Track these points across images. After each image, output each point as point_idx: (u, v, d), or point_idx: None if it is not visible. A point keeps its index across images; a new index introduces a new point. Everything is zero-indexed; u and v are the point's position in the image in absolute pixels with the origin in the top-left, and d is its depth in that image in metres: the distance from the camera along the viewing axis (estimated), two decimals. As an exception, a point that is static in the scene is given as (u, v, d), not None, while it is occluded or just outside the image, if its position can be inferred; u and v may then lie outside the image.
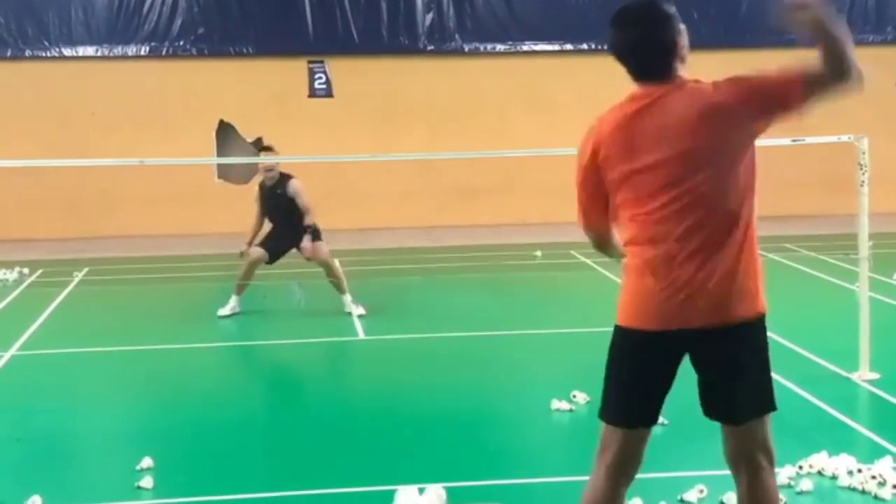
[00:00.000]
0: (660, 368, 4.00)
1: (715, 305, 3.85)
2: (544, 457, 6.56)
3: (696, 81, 3.92)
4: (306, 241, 10.64)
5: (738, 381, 3.95)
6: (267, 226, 11.14)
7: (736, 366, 3.95)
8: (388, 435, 6.91)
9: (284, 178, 10.83)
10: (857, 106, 18.32)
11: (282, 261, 11.18)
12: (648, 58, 3.92)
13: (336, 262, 11.12)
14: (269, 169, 10.79)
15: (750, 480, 4.03)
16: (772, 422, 4.04)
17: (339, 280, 11.00)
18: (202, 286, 13.10)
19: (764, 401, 4.02)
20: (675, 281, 3.86)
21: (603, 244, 4.32)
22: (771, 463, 4.05)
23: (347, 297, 10.92)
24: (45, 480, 6.08)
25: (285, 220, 10.80)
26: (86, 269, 14.05)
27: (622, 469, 4.07)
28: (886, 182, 14.52)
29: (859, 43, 3.76)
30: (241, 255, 10.87)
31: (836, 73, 3.67)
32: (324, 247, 10.87)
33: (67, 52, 17.51)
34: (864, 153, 7.72)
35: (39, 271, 14.02)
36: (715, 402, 4.01)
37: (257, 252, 10.84)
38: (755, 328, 3.97)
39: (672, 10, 4.00)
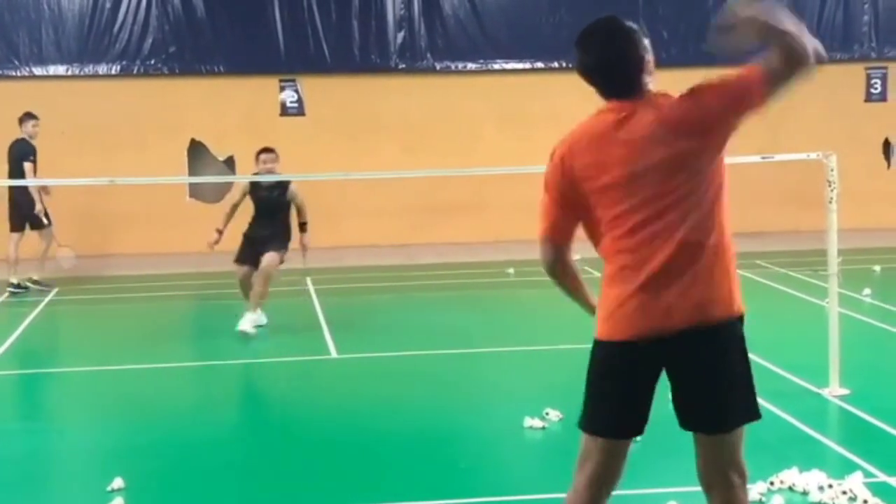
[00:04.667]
0: (640, 379, 3.99)
1: (694, 306, 3.87)
2: (517, 475, 6.56)
3: (664, 95, 3.95)
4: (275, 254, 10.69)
5: (727, 384, 3.94)
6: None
7: (724, 367, 3.94)
8: (360, 453, 6.90)
9: (282, 182, 10.99)
10: (826, 123, 18.54)
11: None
12: (616, 75, 3.96)
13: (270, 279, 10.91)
14: (269, 170, 10.94)
15: (722, 497, 4.04)
16: (744, 439, 4.05)
17: (261, 292, 10.78)
18: (174, 305, 13.05)
19: (751, 406, 4.02)
20: (652, 287, 3.87)
21: (559, 266, 4.19)
22: (743, 480, 4.06)
23: (252, 314, 10.75)
24: (14, 502, 6.04)
25: (269, 218, 10.94)
26: (56, 289, 13.96)
27: (603, 481, 4.05)
28: (855, 198, 14.63)
29: (826, 61, 3.81)
30: (211, 245, 10.73)
31: (794, 63, 3.74)
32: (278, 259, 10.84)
33: (38, 71, 17.43)
34: (832, 170, 7.78)
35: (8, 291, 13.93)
36: (702, 410, 3.97)
37: (242, 271, 10.87)
38: (737, 328, 3.97)
39: (634, 25, 4.04)
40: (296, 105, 17.85)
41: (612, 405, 4.02)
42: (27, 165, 13.90)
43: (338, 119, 17.84)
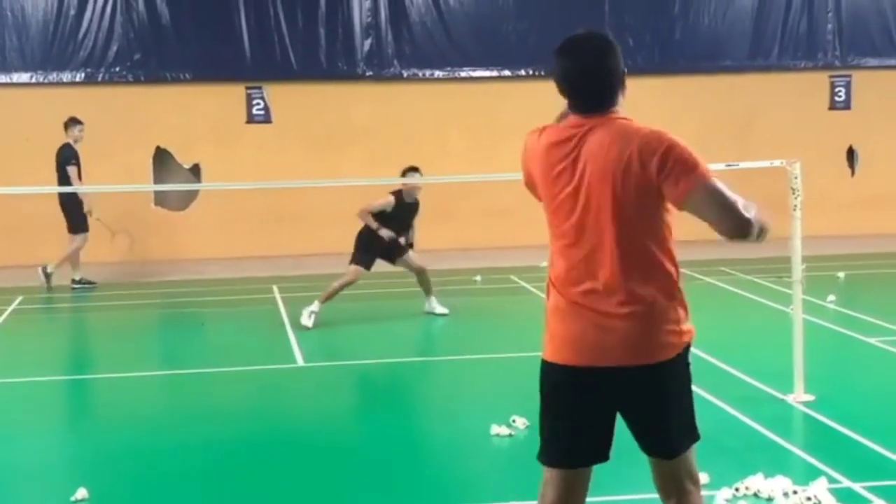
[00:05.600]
0: (589, 405, 3.97)
1: (631, 346, 3.86)
2: (484, 482, 6.55)
3: (626, 119, 3.91)
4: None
5: (667, 420, 3.97)
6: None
7: (662, 405, 3.96)
8: (326, 461, 6.88)
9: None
10: (790, 130, 18.65)
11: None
12: (596, 86, 3.92)
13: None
14: (416, 188, 11.80)
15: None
16: (695, 450, 4.10)
17: (429, 284, 12.08)
18: (139, 314, 12.97)
19: (692, 431, 4.07)
20: (589, 316, 3.88)
21: None
22: (698, 486, 4.13)
23: (433, 299, 12.04)
24: (-24, 513, 5.98)
25: (401, 231, 11.84)
26: (20, 297, 13.85)
27: None
28: (819, 205, 14.74)
29: (791, 69, 3.85)
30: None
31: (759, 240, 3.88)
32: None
33: (1, 78, 17.28)
34: (796, 177, 7.83)
35: (-28, 300, 13.81)
36: (649, 442, 4.03)
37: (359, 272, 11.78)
38: (676, 364, 3.96)
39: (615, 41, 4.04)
40: (262, 112, 17.79)
41: (567, 433, 4.00)
42: (70, 169, 14.59)
43: (304, 126, 17.80)
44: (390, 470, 6.69)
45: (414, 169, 11.74)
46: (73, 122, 15.07)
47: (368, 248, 11.71)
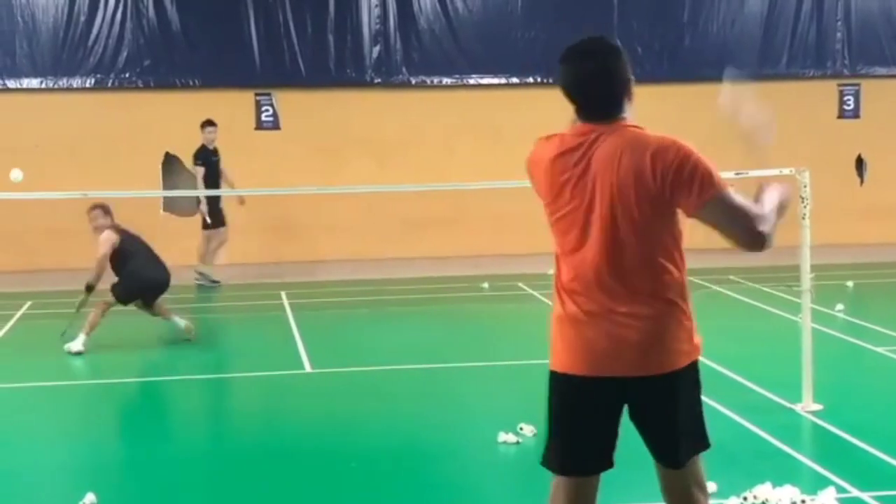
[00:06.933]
0: (600, 413, 3.97)
1: (641, 356, 3.86)
2: (491, 490, 6.55)
3: (637, 127, 3.89)
4: None
5: (675, 430, 3.96)
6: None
7: (672, 415, 3.95)
8: (334, 468, 6.87)
9: None
10: (799, 139, 18.68)
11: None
12: (602, 92, 3.88)
13: None
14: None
15: None
16: (703, 459, 4.10)
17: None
18: (148, 319, 12.96)
19: (700, 440, 4.06)
20: (600, 326, 3.87)
21: None
22: (705, 495, 4.12)
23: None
24: (-16, 518, 5.98)
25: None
26: (29, 303, 13.87)
27: None
28: (828, 214, 14.70)
29: (799, 77, 3.84)
30: None
31: (746, 245, 3.82)
32: None
33: (11, 84, 17.33)
34: (805, 186, 7.82)
35: (-19, 305, 13.84)
36: (658, 450, 4.03)
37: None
38: (688, 373, 3.96)
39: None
40: (271, 119, 17.82)
41: (577, 441, 4.00)
42: (196, 169, 15.35)
43: (313, 133, 17.82)
44: (398, 477, 6.69)
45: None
46: (205, 123, 15.66)
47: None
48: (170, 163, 17.62)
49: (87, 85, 17.48)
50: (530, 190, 4.17)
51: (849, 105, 18.97)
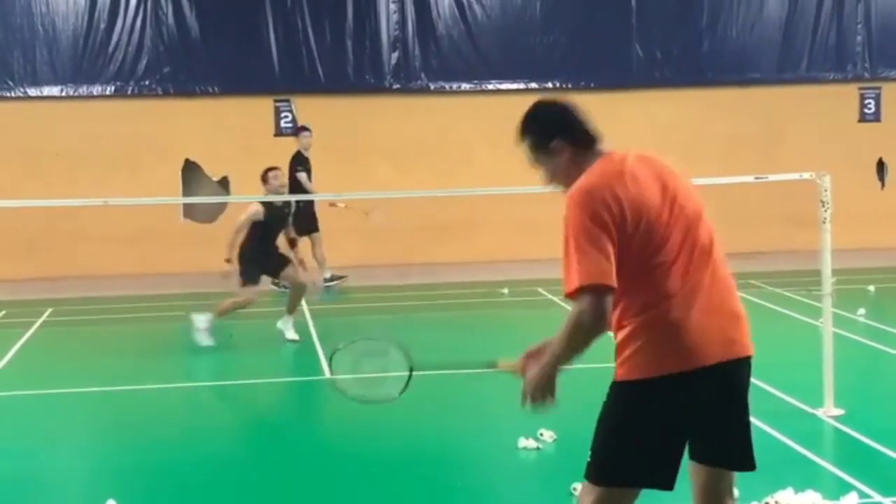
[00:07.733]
0: (732, 401, 3.99)
1: (740, 335, 3.96)
2: (511, 496, 6.54)
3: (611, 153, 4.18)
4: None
5: (748, 421, 4.02)
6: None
7: (745, 404, 4.00)
8: (354, 473, 6.88)
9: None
10: (820, 143, 18.54)
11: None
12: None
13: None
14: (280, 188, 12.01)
15: None
16: None
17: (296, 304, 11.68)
18: (167, 326, 13.01)
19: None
20: (725, 312, 3.95)
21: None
22: (735, 502, 4.10)
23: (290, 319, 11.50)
24: (6, 524, 6.01)
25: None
26: (50, 310, 13.93)
27: None
28: (849, 218, 14.64)
29: (820, 81, 3.83)
30: None
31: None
32: None
33: (32, 92, 17.43)
34: (826, 190, 7.78)
35: (3, 312, 13.89)
36: (736, 450, 3.99)
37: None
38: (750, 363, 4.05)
39: None
40: (290, 125, 17.86)
41: (665, 451, 3.94)
42: (300, 176, 15.38)
43: (332, 139, 17.83)
44: (418, 482, 6.69)
45: (273, 168, 11.83)
46: (300, 129, 15.89)
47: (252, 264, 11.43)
48: (190, 169, 17.68)
49: (107, 92, 17.57)
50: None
51: (870, 108, 18.90)
